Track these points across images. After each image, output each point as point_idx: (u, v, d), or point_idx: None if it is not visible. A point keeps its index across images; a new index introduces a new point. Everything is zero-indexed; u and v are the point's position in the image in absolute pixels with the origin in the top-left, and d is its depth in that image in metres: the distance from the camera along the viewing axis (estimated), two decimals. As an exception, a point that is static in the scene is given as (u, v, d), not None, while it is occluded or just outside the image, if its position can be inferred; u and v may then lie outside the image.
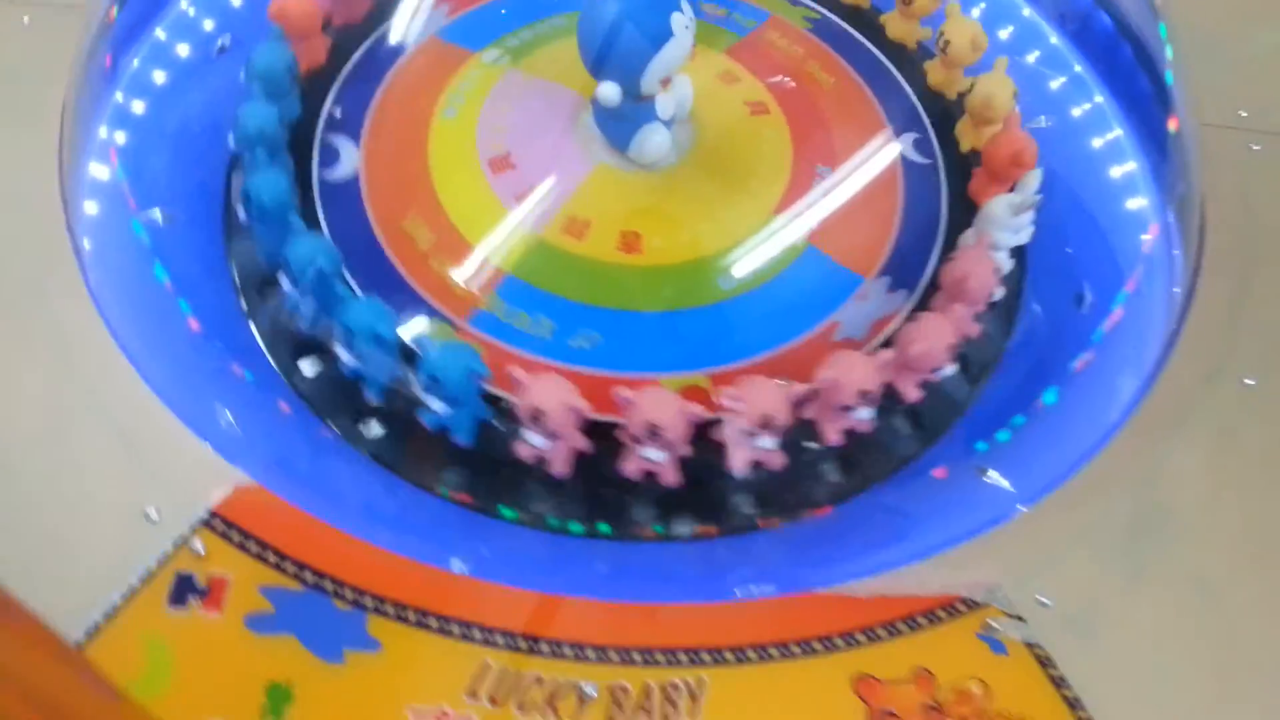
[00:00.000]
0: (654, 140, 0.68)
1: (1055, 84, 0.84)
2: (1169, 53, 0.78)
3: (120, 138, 0.74)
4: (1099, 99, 0.83)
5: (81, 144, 0.71)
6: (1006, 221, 0.66)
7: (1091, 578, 0.59)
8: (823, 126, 0.75)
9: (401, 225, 0.68)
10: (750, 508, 0.62)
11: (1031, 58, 0.85)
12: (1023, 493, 0.61)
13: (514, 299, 0.65)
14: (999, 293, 0.66)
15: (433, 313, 0.65)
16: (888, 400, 0.61)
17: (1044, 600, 0.58)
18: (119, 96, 0.76)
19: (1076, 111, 0.83)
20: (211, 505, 0.56)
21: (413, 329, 0.62)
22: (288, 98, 0.70)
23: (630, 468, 0.58)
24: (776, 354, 0.65)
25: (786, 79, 0.77)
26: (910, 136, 0.77)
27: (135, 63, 0.78)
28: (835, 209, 0.71)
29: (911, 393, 0.61)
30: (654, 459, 0.57)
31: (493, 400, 0.60)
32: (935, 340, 0.60)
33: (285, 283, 0.62)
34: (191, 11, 0.82)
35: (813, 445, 0.61)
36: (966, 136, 0.77)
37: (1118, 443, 0.63)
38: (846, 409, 0.58)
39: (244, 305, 0.68)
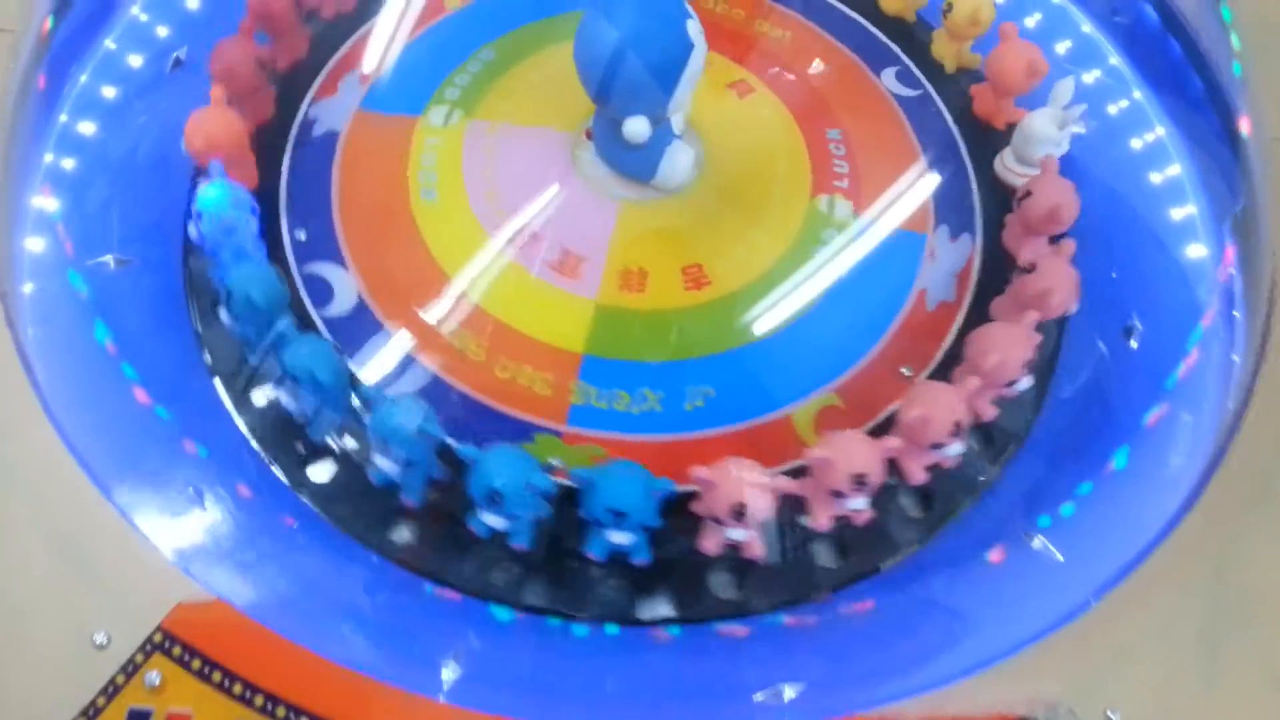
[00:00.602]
0: (681, 161, 0.62)
1: (1089, 78, 0.78)
2: (1235, 42, 0.70)
3: (65, 170, 0.67)
4: (1137, 95, 0.77)
5: (15, 182, 0.63)
6: (1052, 136, 0.65)
7: (1165, 684, 0.52)
8: (808, 88, 0.72)
9: (442, 340, 0.60)
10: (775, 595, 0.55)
11: (1062, 47, 0.79)
12: (1094, 579, 0.53)
13: (602, 380, 0.59)
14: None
15: (522, 428, 0.57)
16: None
17: (1113, 717, 0.51)
18: (64, 119, 0.69)
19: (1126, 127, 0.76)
20: (166, 625, 0.48)
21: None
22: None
23: (710, 544, 0.53)
24: (887, 341, 0.62)
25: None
26: (890, 71, 0.75)
27: (82, 79, 0.71)
28: (865, 170, 0.68)
29: (988, 410, 0.57)
30: (737, 537, 0.52)
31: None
32: (1009, 350, 0.55)
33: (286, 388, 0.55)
34: (144, 18, 0.74)
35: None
36: (947, 56, 0.75)
37: (1190, 519, 0.56)
38: (936, 447, 0.54)
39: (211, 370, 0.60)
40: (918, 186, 0.69)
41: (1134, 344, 0.66)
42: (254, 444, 0.58)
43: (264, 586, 0.51)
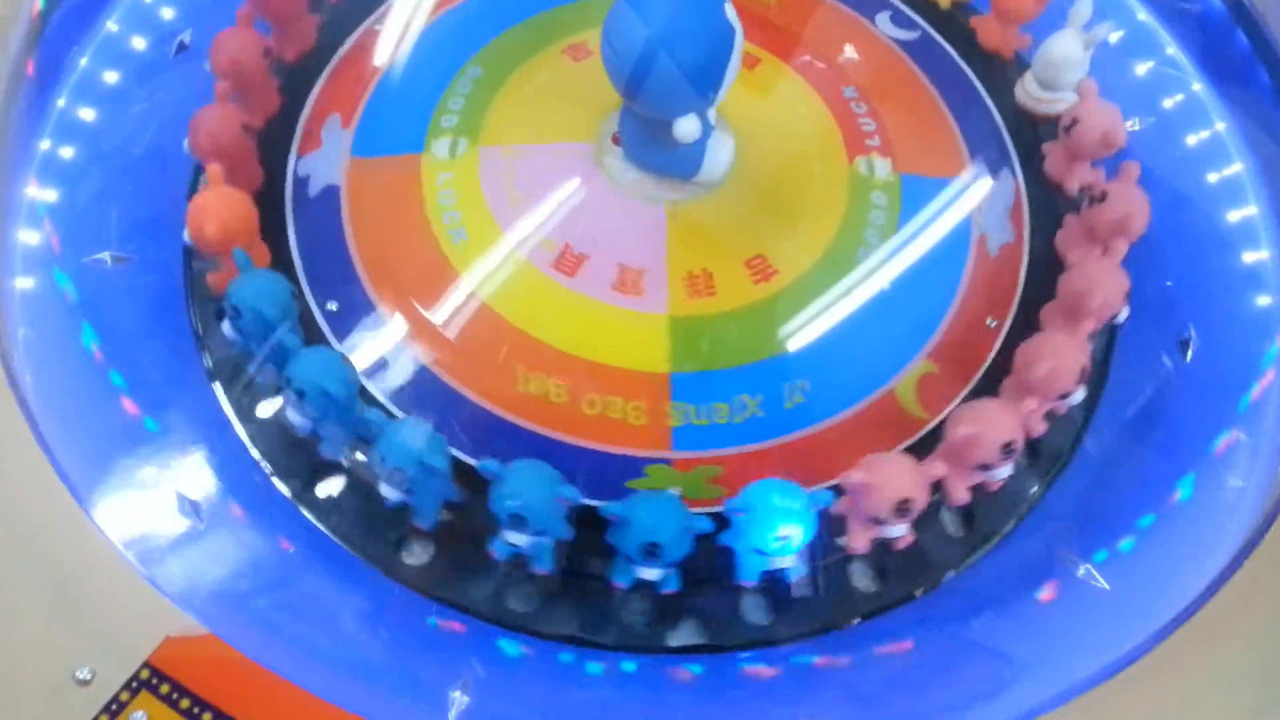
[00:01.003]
0: (724, 153, 0.59)
1: (1142, 69, 0.74)
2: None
3: (60, 159, 0.64)
4: (1196, 88, 0.73)
5: (7, 172, 0.61)
6: (1077, 58, 0.64)
7: None
8: (815, 50, 0.68)
9: (518, 390, 0.55)
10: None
11: (1115, 37, 0.73)
12: (1154, 622, 0.49)
13: (696, 395, 0.55)
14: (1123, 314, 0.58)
15: (628, 463, 0.54)
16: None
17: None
18: (61, 104, 0.65)
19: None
20: (152, 661, 0.45)
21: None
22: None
23: (861, 543, 0.51)
24: (963, 296, 0.60)
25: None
26: (885, 15, 0.72)
27: (82, 63, 0.68)
28: (890, 123, 0.65)
29: (1038, 426, 0.54)
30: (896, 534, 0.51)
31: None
32: (1061, 361, 0.53)
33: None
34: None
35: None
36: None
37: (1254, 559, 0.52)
38: (986, 468, 0.51)
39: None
40: (947, 131, 0.66)
41: (1189, 358, 0.62)
42: (256, 456, 0.55)
43: (257, 619, 0.48)
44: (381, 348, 0.57)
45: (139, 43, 0.69)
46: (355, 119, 0.63)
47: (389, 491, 0.49)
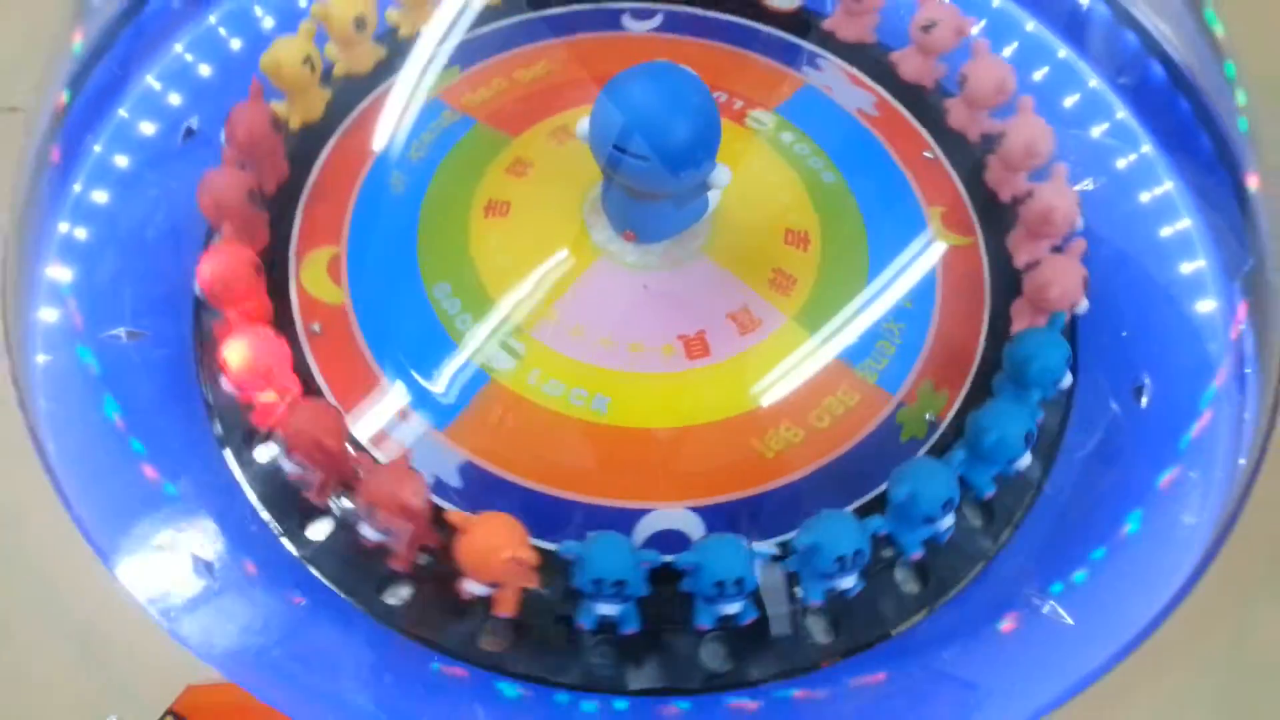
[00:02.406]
0: (723, 173, 0.60)
1: (1097, 131, 0.78)
2: (1241, 98, 0.70)
3: (79, 240, 0.67)
4: (1146, 149, 0.76)
5: (29, 254, 0.64)
6: None
7: None
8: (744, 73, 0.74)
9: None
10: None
11: (1069, 101, 0.79)
12: (1107, 649, 0.53)
13: None
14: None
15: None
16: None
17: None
18: (77, 189, 0.69)
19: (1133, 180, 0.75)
20: (176, 709, 0.48)
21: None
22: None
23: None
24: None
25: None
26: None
27: (96, 149, 0.72)
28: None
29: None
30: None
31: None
32: (1068, 278, 0.60)
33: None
34: (157, 86, 0.75)
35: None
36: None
37: (1205, 587, 0.55)
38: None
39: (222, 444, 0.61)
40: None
41: (1144, 403, 0.65)
42: (264, 515, 0.59)
43: (272, 668, 0.51)
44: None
45: (148, 128, 0.73)
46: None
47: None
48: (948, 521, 0.56)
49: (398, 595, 0.56)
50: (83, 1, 0.69)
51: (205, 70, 0.77)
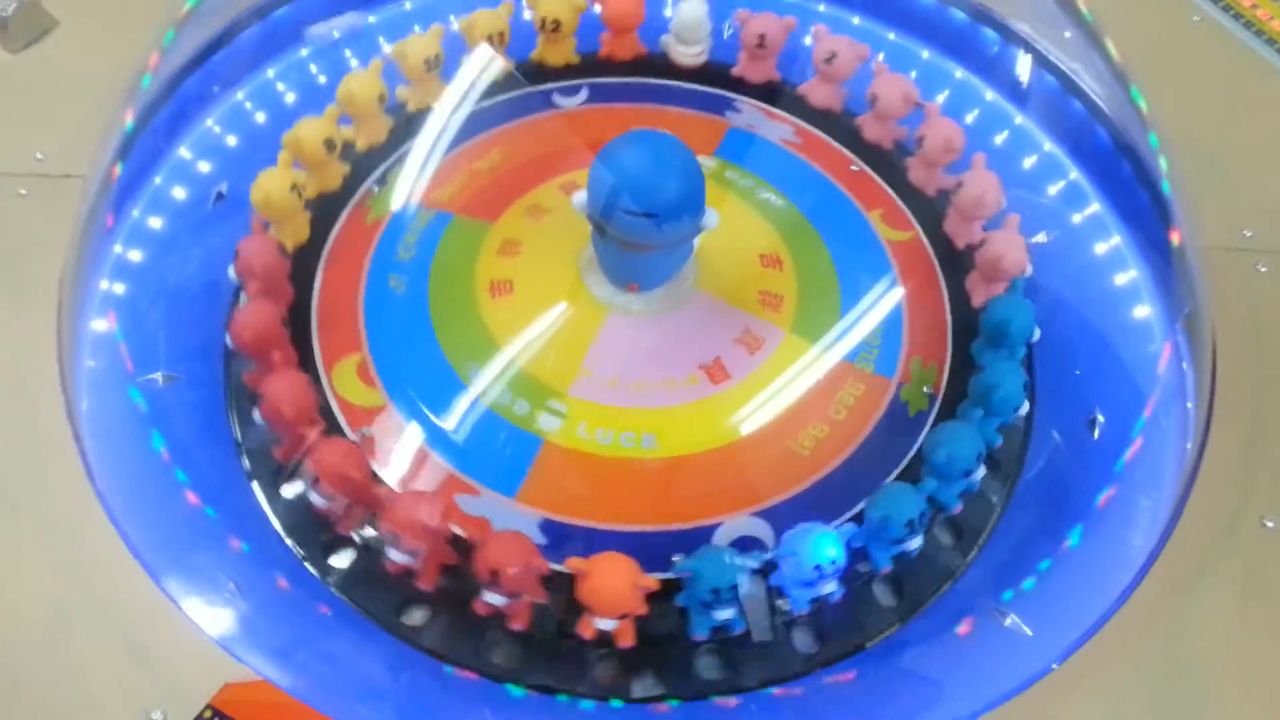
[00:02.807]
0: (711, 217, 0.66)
1: (1054, 189, 0.84)
2: (1164, 164, 0.77)
3: (119, 297, 0.73)
4: (1096, 207, 0.83)
5: (79, 307, 0.71)
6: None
7: None
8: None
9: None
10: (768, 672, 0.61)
11: (1028, 162, 0.85)
12: (1052, 648, 0.59)
13: None
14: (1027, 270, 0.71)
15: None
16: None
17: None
18: (121, 255, 0.76)
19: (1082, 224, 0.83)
20: (215, 704, 0.54)
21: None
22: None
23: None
24: None
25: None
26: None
27: (134, 213, 0.78)
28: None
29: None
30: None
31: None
32: (1013, 248, 0.70)
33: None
34: (188, 155, 0.82)
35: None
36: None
37: (1142, 592, 0.61)
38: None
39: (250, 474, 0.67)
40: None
41: (1096, 434, 0.71)
42: (288, 541, 0.64)
43: (300, 668, 0.57)
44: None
45: (180, 193, 0.80)
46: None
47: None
48: (917, 541, 0.62)
49: (415, 617, 0.62)
50: (136, 85, 0.76)
51: (232, 140, 0.84)
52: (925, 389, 0.70)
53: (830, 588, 0.59)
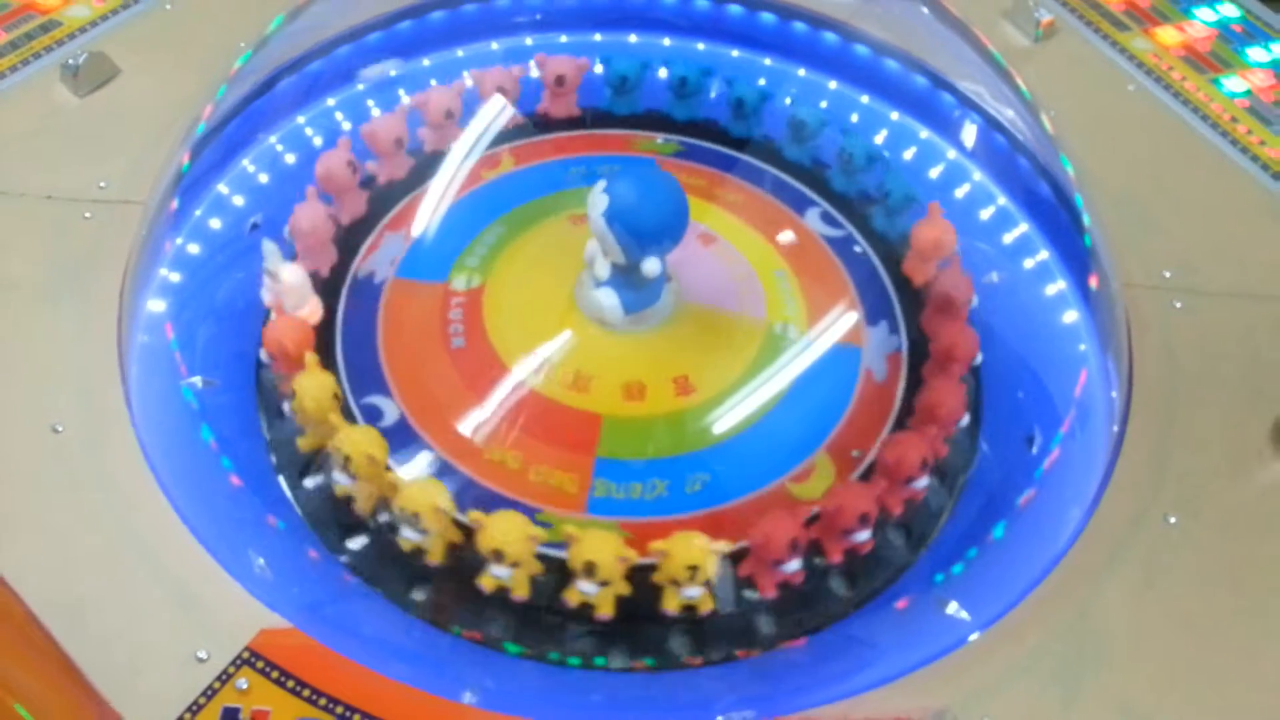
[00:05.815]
0: (669, 298, 0.79)
1: (1008, 238, 0.94)
2: (1086, 220, 0.87)
3: (170, 311, 0.83)
4: (1044, 255, 0.92)
5: (137, 320, 0.80)
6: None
7: (1032, 702, 0.64)
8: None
9: (484, 458, 0.74)
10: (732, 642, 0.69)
11: (985, 214, 0.95)
12: (975, 621, 0.68)
13: (616, 476, 0.73)
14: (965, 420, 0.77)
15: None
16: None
17: (988, 724, 0.64)
18: (170, 275, 0.85)
19: (1028, 266, 0.93)
20: (252, 646, 0.63)
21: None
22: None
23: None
24: (848, 419, 0.78)
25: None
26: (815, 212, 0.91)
27: (179, 240, 0.87)
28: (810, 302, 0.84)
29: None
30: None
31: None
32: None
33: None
34: (225, 190, 0.92)
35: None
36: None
37: (1058, 576, 0.70)
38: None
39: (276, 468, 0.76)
40: (851, 305, 0.86)
41: (1034, 449, 0.80)
42: (309, 526, 0.74)
43: (327, 620, 0.66)
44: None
45: (217, 224, 0.89)
46: (404, 250, 0.85)
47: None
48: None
49: (422, 592, 0.71)
50: (192, 132, 0.86)
51: (264, 178, 0.94)
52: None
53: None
